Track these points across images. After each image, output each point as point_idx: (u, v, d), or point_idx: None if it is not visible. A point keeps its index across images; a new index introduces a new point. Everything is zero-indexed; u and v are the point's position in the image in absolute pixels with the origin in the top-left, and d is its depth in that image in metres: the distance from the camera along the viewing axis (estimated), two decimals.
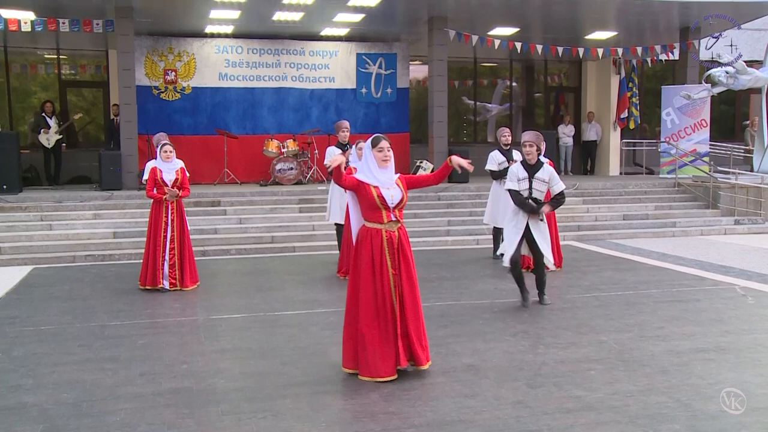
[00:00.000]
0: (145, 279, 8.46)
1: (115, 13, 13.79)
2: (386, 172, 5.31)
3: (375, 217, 5.30)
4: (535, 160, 7.37)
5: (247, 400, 4.87)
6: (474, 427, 4.36)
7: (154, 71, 15.96)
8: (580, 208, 14.27)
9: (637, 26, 17.00)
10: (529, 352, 5.93)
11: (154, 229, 8.46)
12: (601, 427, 4.35)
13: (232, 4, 13.79)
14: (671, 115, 17.10)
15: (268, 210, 12.88)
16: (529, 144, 7.31)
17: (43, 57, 17.23)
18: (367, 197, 5.26)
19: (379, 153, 5.28)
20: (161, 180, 8.45)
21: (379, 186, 5.26)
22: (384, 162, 5.28)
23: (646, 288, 8.56)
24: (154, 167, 8.52)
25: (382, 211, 5.28)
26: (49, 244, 11.14)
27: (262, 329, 6.76)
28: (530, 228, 7.35)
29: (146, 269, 8.45)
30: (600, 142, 19.59)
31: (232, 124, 16.32)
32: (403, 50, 17.46)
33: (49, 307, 7.75)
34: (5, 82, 16.69)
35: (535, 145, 7.31)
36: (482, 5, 14.50)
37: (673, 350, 5.98)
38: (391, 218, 5.32)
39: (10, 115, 16.59)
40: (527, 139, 7.36)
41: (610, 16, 15.96)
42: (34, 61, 17.21)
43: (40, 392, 5.07)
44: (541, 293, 7.70)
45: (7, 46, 16.47)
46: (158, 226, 8.44)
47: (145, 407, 4.77)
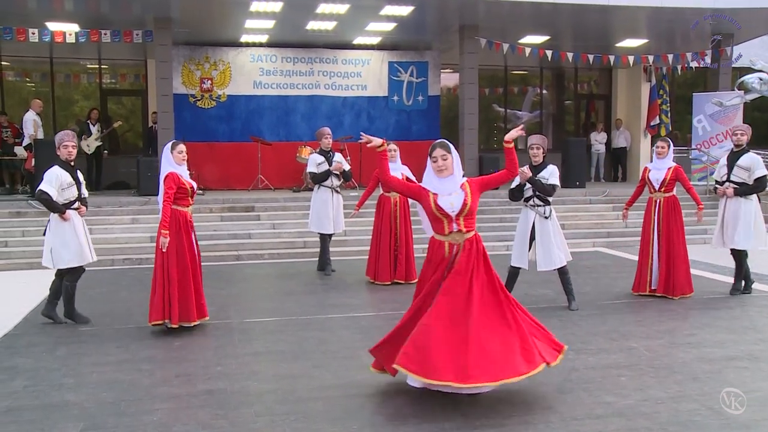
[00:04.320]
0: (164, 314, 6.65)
1: (154, 24, 14.02)
2: (446, 182, 4.89)
3: (438, 228, 4.96)
4: (541, 161, 7.48)
5: (280, 402, 4.89)
6: None
7: (191, 80, 16.17)
8: (610, 215, 14.12)
9: (668, 34, 16.78)
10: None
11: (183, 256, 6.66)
12: None
13: (267, 14, 13.92)
14: (702, 122, 16.79)
15: (300, 216, 12.92)
16: (536, 147, 7.47)
17: (85, 67, 17.59)
18: (427, 206, 4.90)
19: (433, 163, 4.88)
20: (190, 188, 6.78)
21: (438, 193, 4.88)
22: (439, 173, 4.87)
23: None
24: (173, 173, 6.65)
25: (443, 221, 4.91)
26: None
27: (294, 333, 6.79)
28: (534, 228, 7.45)
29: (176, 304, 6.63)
30: (630, 149, 19.37)
31: (266, 131, 16.45)
32: (434, 58, 17.46)
33: (89, 309, 7.84)
34: (50, 92, 17.06)
35: (541, 147, 7.48)
36: (513, 14, 14.44)
37: (704, 357, 5.88)
38: (453, 228, 4.89)
39: (54, 122, 16.91)
40: (534, 142, 7.52)
41: (641, 24, 15.77)
42: (77, 71, 17.58)
43: (81, 391, 5.15)
44: (569, 299, 7.68)
45: (53, 58, 16.86)
46: (183, 252, 6.66)
47: (181, 408, 4.82)
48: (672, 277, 8.05)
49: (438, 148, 4.91)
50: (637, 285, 8.33)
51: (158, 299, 6.58)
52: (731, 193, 8.08)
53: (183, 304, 6.60)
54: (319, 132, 9.93)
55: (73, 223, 6.92)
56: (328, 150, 9.79)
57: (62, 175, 6.88)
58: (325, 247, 10.01)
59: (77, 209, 7.01)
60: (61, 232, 6.87)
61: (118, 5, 13.41)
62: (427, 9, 14.06)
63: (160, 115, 14.45)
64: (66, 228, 6.87)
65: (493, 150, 18.34)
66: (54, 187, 6.80)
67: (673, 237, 8.06)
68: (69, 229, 6.88)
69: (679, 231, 8.11)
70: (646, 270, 8.19)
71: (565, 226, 13.07)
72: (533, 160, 7.48)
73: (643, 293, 8.20)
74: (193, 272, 6.71)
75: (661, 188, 8.12)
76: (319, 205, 9.72)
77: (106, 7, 13.49)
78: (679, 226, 8.11)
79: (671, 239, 8.05)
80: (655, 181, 8.14)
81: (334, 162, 9.74)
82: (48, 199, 6.78)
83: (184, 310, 6.62)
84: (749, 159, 8.01)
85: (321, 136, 9.84)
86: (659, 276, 8.10)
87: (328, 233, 9.86)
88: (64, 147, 6.95)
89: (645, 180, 8.29)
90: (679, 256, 8.06)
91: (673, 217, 8.09)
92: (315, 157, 9.77)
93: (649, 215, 8.23)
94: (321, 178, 9.66)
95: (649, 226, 8.20)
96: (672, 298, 8.04)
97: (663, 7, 14.14)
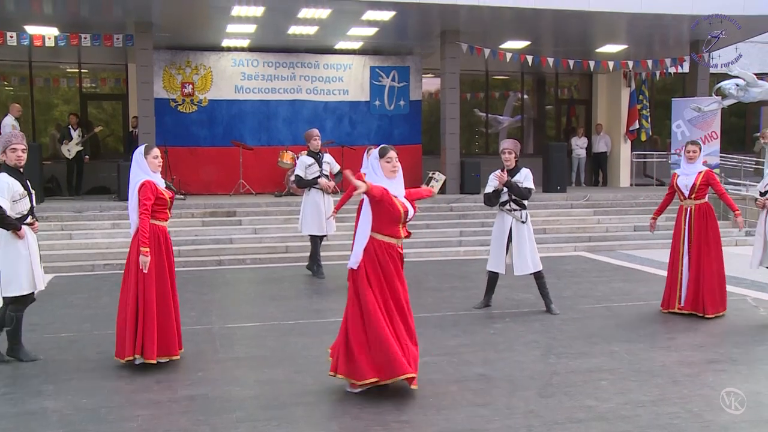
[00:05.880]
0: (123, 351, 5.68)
1: (135, 28, 13.96)
2: (395, 184, 5.06)
3: (392, 232, 5.05)
4: (513, 166, 7.49)
5: (262, 407, 4.88)
6: None
7: (172, 84, 16.09)
8: (591, 219, 14.21)
9: (648, 39, 16.96)
10: (540, 362, 5.90)
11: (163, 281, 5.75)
12: None
13: (248, 19, 13.89)
14: (681, 127, 16.99)
15: (282, 221, 12.91)
16: (508, 151, 7.47)
17: (65, 71, 17.42)
18: (393, 210, 4.96)
19: (387, 163, 5.03)
20: (170, 199, 5.95)
21: (396, 195, 5.01)
22: (392, 173, 5.03)
23: (657, 299, 8.47)
24: (150, 181, 5.76)
25: (399, 225, 5.06)
26: (69, 253, 11.23)
27: (277, 338, 6.77)
28: (511, 233, 7.50)
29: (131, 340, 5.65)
30: (610, 153, 19.52)
31: (247, 135, 16.39)
32: (415, 63, 17.50)
33: (69, 315, 7.80)
34: (29, 96, 16.90)
35: (513, 152, 7.47)
36: (494, 19, 14.52)
37: (684, 361, 5.94)
38: (400, 234, 5.08)
39: (33, 127, 16.76)
40: (506, 146, 7.52)
41: (620, 30, 15.93)
42: (57, 75, 17.42)
43: (60, 398, 5.10)
44: (546, 303, 7.72)
45: (32, 61, 16.70)
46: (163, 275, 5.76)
47: (162, 414, 4.79)
48: (702, 292, 7.30)
49: (391, 151, 5.10)
50: (666, 302, 7.61)
51: (130, 331, 5.54)
52: None
53: (163, 336, 5.65)
54: (308, 133, 9.90)
55: (27, 241, 5.75)
56: (317, 152, 9.76)
57: (13, 185, 5.64)
58: (316, 250, 9.98)
59: (30, 224, 5.84)
60: (13, 253, 5.66)
61: (98, 9, 13.32)
62: (408, 14, 14.09)
63: (141, 120, 14.36)
64: (19, 247, 5.69)
65: (474, 155, 18.43)
66: (6, 198, 5.57)
67: (705, 248, 7.35)
68: (22, 249, 5.70)
69: (712, 242, 7.39)
70: (676, 285, 7.50)
71: (546, 231, 13.20)
72: (506, 164, 7.50)
73: (672, 310, 7.52)
74: (173, 298, 5.81)
75: (692, 195, 7.43)
76: (310, 208, 9.67)
77: (86, 10, 13.38)
78: (711, 236, 7.40)
79: (702, 250, 7.35)
80: (684, 188, 7.48)
81: (324, 164, 9.71)
82: (2, 214, 5.54)
83: (165, 343, 5.65)
84: None
85: (310, 138, 9.80)
86: (688, 291, 7.41)
87: (319, 235, 9.84)
88: (12, 150, 5.66)
89: (674, 187, 7.66)
90: (711, 270, 7.34)
91: (704, 226, 7.38)
92: (304, 159, 9.73)
93: (679, 225, 7.54)
94: (305, 185, 9.65)
95: (680, 237, 7.51)
96: (703, 316, 7.30)
97: (642, 14, 14.31)
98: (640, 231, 13.78)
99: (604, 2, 14.06)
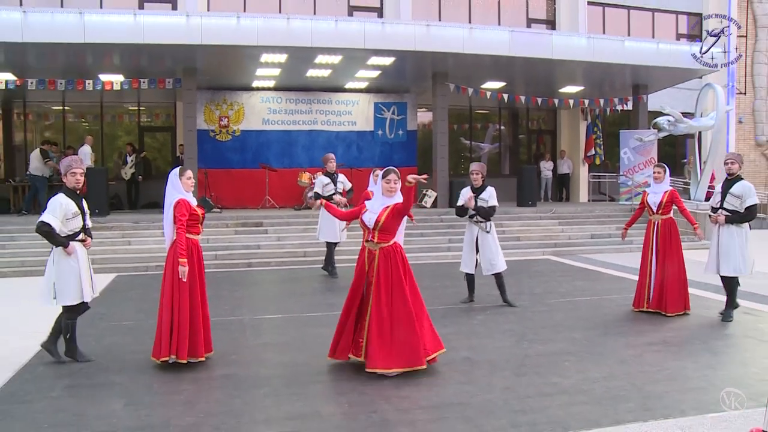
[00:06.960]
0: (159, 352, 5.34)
1: (183, 73, 14.06)
2: (386, 200, 5.10)
3: (364, 236, 5.21)
4: (480, 184, 7.47)
5: (285, 385, 4.88)
6: (470, 409, 4.34)
7: (211, 118, 16.16)
8: (556, 229, 14.21)
9: (600, 83, 17.07)
10: (515, 347, 5.90)
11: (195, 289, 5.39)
12: (573, 407, 4.33)
13: (274, 64, 13.96)
14: (627, 154, 17.09)
15: (301, 230, 12.91)
16: (476, 172, 7.46)
17: (127, 108, 17.52)
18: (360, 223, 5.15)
19: (386, 184, 5.11)
20: (201, 216, 5.56)
21: (369, 210, 5.13)
22: (389, 192, 5.10)
23: (609, 294, 8.51)
24: (184, 200, 5.35)
25: (365, 231, 5.16)
26: (128, 256, 11.25)
27: (297, 328, 6.77)
28: (478, 239, 7.50)
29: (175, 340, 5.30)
30: (572, 174, 19.54)
31: (272, 159, 16.41)
32: (412, 99, 17.54)
33: (128, 307, 7.82)
34: (100, 129, 17.14)
35: (480, 173, 7.45)
36: (476, 64, 14.58)
37: (630, 344, 5.96)
38: (368, 238, 5.11)
39: (102, 154, 16.92)
40: (474, 168, 7.50)
41: (578, 75, 16.03)
42: (121, 112, 17.54)
43: (123, 374, 5.13)
44: (502, 296, 7.68)
45: (103, 102, 16.94)
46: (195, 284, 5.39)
47: (202, 389, 4.81)
48: (666, 294, 7.14)
49: (392, 174, 5.13)
50: (637, 302, 7.40)
51: (166, 334, 5.24)
52: (722, 220, 6.84)
53: (192, 339, 5.33)
54: (325, 157, 9.89)
55: (77, 256, 5.34)
56: (333, 172, 9.77)
57: (67, 204, 5.31)
58: (330, 253, 9.95)
59: (83, 241, 5.42)
60: (64, 267, 5.30)
61: (154, 59, 13.47)
62: (406, 60, 14.16)
63: (186, 147, 14.43)
64: (70, 262, 5.30)
65: (461, 175, 18.41)
66: (57, 217, 5.24)
67: (669, 257, 7.16)
68: (73, 264, 5.31)
69: (675, 251, 7.19)
70: (644, 287, 7.32)
71: (520, 238, 13.18)
72: (474, 183, 7.48)
73: (642, 309, 7.30)
74: (202, 305, 5.45)
75: (659, 211, 7.27)
76: (326, 219, 9.64)
77: (145, 61, 13.56)
78: (674, 247, 7.21)
79: (667, 259, 7.16)
80: (653, 204, 7.30)
81: (339, 183, 9.71)
82: (49, 231, 5.20)
83: (193, 345, 5.33)
84: (741, 187, 6.79)
85: (327, 161, 9.79)
86: (653, 293, 7.24)
87: (333, 242, 9.83)
88: (72, 174, 5.34)
89: (644, 203, 7.47)
90: (673, 275, 7.14)
91: (668, 238, 7.21)
92: (322, 179, 9.72)
93: (648, 236, 7.36)
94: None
95: (648, 247, 7.32)
96: (665, 314, 7.08)
97: (595, 62, 14.48)
98: (596, 238, 13.79)
99: (565, 52, 14.22)
